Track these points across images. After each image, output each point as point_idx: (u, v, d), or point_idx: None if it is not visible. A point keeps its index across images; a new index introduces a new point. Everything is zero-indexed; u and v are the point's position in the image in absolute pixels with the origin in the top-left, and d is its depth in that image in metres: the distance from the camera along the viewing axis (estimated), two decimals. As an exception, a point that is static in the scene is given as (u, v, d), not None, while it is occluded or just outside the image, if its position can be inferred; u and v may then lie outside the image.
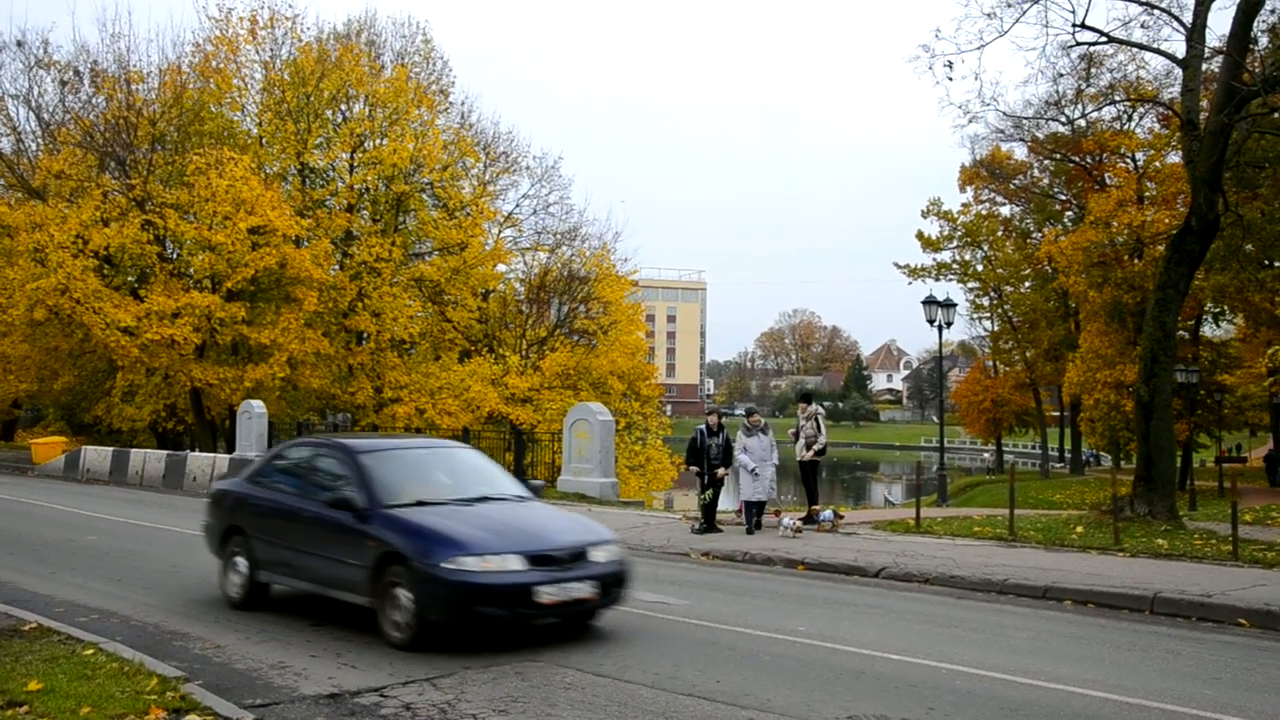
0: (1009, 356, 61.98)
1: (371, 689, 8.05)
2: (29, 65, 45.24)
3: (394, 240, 38.26)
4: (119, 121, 36.55)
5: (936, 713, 7.58)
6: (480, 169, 43.37)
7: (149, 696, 7.33)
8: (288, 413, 37.36)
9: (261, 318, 35.27)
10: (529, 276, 44.42)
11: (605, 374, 38.11)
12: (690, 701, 7.80)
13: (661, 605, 11.65)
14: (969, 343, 77.46)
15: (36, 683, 7.56)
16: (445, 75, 43.89)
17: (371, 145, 38.84)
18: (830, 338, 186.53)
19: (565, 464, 25.61)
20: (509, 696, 7.86)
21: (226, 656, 9.12)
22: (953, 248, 57.11)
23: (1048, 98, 29.84)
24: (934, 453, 69.13)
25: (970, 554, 15.22)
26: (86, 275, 32.72)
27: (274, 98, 38.74)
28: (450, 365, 38.52)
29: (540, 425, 34.67)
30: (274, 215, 33.24)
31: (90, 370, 38.30)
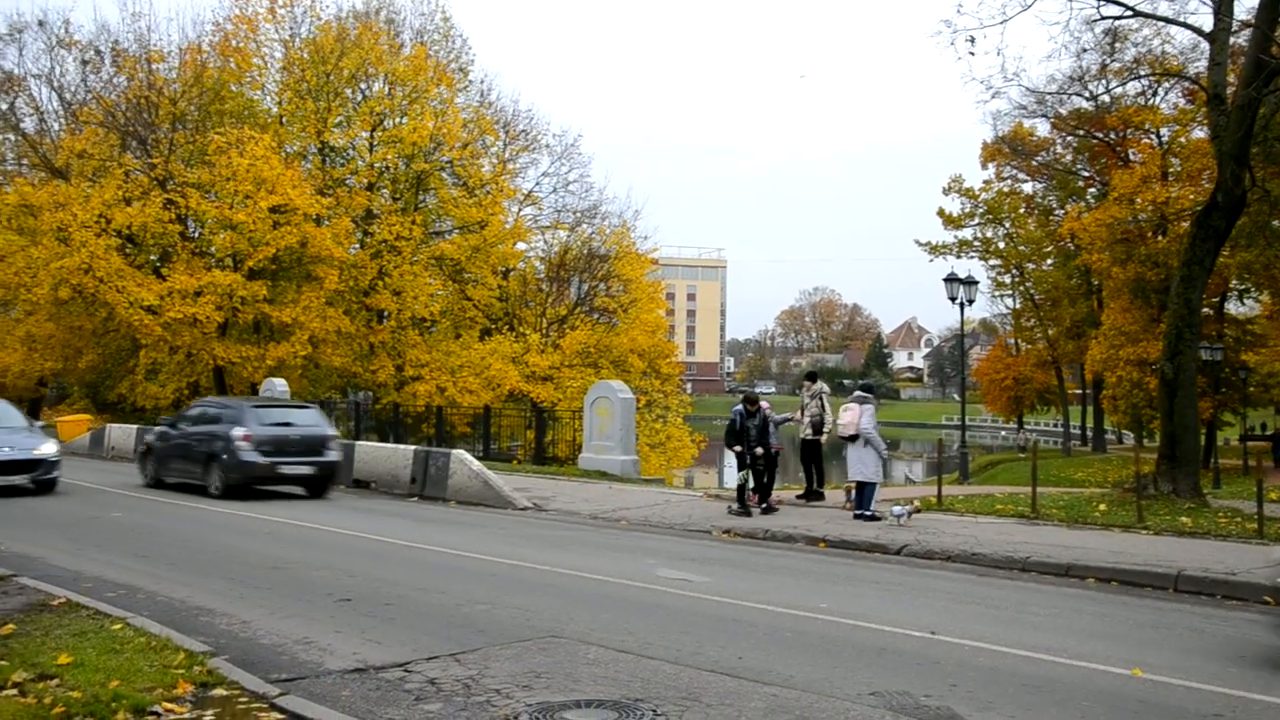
0: (1031, 334, 61.71)
1: (396, 664, 8.08)
2: (51, 45, 45.56)
3: (414, 219, 38.32)
4: (140, 101, 36.69)
5: (959, 689, 7.58)
6: (500, 147, 43.42)
7: (176, 671, 7.39)
8: (310, 390, 37.52)
9: (283, 296, 35.41)
10: (549, 255, 44.45)
11: (626, 352, 38.12)
12: (713, 678, 7.81)
13: (683, 582, 11.67)
14: (990, 320, 77.21)
15: (66, 656, 7.64)
16: (464, 53, 43.91)
17: (391, 124, 38.87)
18: (851, 315, 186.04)
19: (586, 441, 25.65)
20: (532, 672, 7.89)
21: (252, 632, 9.18)
22: (974, 225, 56.84)
23: (1071, 73, 29.64)
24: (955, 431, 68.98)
25: (992, 531, 15.19)
26: (109, 254, 32.92)
27: (294, 76, 38.81)
28: (471, 343, 38.61)
29: (561, 403, 34.73)
30: (295, 194, 33.35)
31: (114, 349, 38.55)
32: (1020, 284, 58.78)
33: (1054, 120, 44.27)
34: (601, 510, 18.15)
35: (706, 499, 20.50)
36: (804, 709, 7.04)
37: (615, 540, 15.22)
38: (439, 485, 20.53)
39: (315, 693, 7.28)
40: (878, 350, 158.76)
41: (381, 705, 7.07)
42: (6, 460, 19.19)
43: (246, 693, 7.10)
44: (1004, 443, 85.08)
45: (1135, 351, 38.68)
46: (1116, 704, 7.32)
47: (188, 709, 6.75)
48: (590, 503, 19.06)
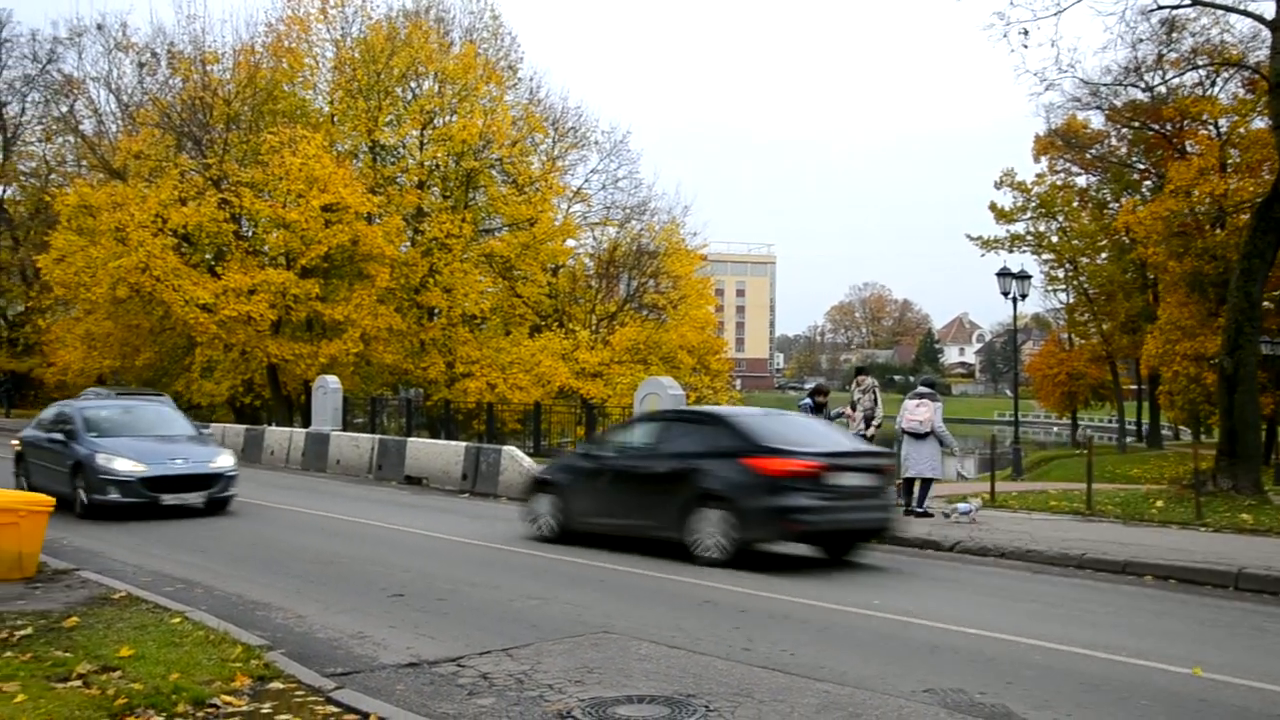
0: (1084, 329, 60.89)
1: (449, 659, 8.14)
2: (109, 48, 46.39)
3: (464, 216, 38.52)
4: (195, 102, 37.17)
5: (1015, 687, 7.50)
6: (549, 144, 43.53)
7: (234, 664, 7.49)
8: (361, 387, 37.86)
9: (335, 294, 35.75)
10: (598, 251, 44.51)
11: (675, 348, 38.10)
12: (765, 674, 7.79)
13: (734, 578, 11.64)
14: (1043, 315, 76.22)
15: (128, 649, 7.76)
16: (513, 51, 44.07)
17: (441, 122, 39.09)
18: (901, 311, 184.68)
19: (636, 438, 25.62)
20: (584, 667, 7.91)
21: (308, 626, 9.28)
22: (1026, 219, 56.14)
23: (1127, 64, 29.21)
24: (1007, 426, 68.22)
25: (1047, 528, 15.03)
26: (166, 253, 33.37)
27: (345, 76, 39.15)
28: (521, 340, 38.75)
29: (611, 399, 34.78)
30: (346, 193, 33.63)
31: (170, 346, 39.08)
32: (1074, 278, 58.02)
33: (1108, 112, 43.56)
34: (652, 506, 18.12)
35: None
36: (857, 706, 7.00)
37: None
38: (490, 481, 20.64)
39: (370, 686, 7.35)
40: (929, 345, 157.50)
41: (435, 699, 7.12)
42: (180, 475, 16.41)
43: (303, 686, 7.19)
44: (1057, 439, 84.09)
45: (1192, 346, 38.02)
46: (1177, 703, 7.22)
47: (246, 701, 6.84)
48: (640, 499, 19.03)
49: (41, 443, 17.70)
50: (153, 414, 18.78)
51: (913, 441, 16.72)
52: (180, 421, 18.94)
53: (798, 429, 13.32)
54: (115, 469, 15.87)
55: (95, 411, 17.97)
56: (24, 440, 18.57)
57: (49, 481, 16.73)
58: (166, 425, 18.23)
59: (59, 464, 16.77)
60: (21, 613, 9.12)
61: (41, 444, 17.68)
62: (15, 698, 6.62)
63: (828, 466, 12.01)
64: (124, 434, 17.08)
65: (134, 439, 16.96)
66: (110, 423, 17.48)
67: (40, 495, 11.35)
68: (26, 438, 18.45)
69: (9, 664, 7.39)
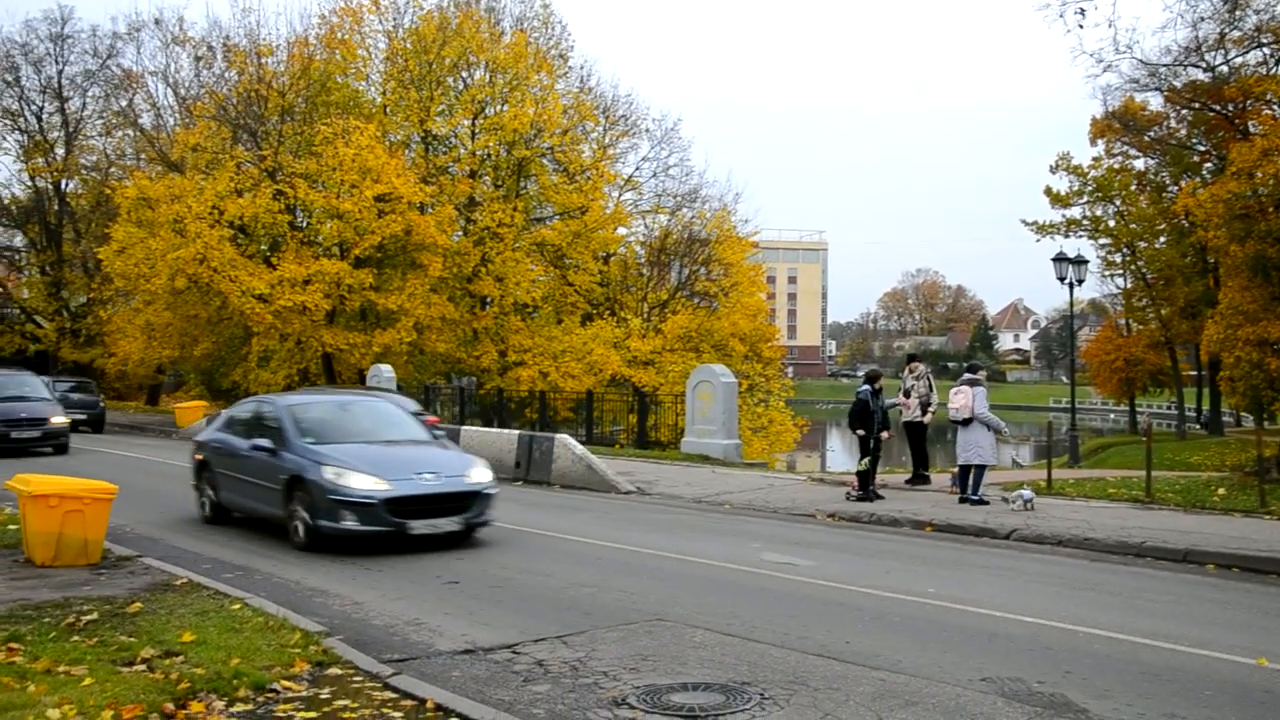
0: (1142, 314, 59.96)
1: (504, 646, 8.19)
2: (166, 43, 47.07)
3: (516, 205, 38.63)
4: (250, 94, 37.57)
5: (1074, 676, 7.42)
6: (600, 132, 43.44)
7: (293, 650, 7.59)
8: (415, 376, 38.11)
9: (388, 284, 36.01)
10: (649, 239, 44.42)
11: (727, 336, 37.96)
12: (820, 661, 7.77)
13: (788, 566, 11.62)
14: (1100, 301, 75.18)
15: (190, 634, 7.90)
16: (564, 39, 43.98)
17: (492, 111, 39.19)
18: (955, 297, 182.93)
19: (688, 426, 25.65)
20: (639, 655, 7.93)
21: (364, 613, 9.38)
22: (1083, 203, 55.34)
23: (1187, 43, 28.70)
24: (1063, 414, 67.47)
25: (1105, 516, 14.83)
26: (222, 244, 33.78)
27: (397, 66, 39.37)
28: (572, 328, 38.82)
29: (663, 387, 34.76)
30: (399, 183, 33.83)
31: (227, 336, 39.57)
32: (1131, 263, 57.14)
33: (1168, 93, 42.80)
34: (704, 494, 18.15)
35: (810, 483, 20.38)
36: (913, 694, 6.97)
37: (719, 524, 15.21)
38: (543, 469, 20.73)
39: (426, 673, 7.42)
40: (983, 332, 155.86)
41: (491, 686, 7.18)
42: (433, 494, 12.62)
43: (361, 672, 7.28)
44: (1114, 425, 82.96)
45: (1255, 331, 37.34)
46: (1241, 694, 7.10)
47: (305, 687, 6.94)
48: (693, 487, 19.07)
49: (236, 450, 14.24)
50: (376, 412, 15.35)
51: (960, 429, 16.61)
52: (409, 422, 15.24)
53: None
54: (350, 487, 12.22)
55: (305, 409, 14.54)
56: (207, 445, 15.18)
57: (250, 500, 13.93)
58: (394, 426, 14.73)
59: (265, 478, 13.30)
60: (88, 598, 9.30)
61: (236, 451, 14.20)
62: (83, 681, 6.76)
63: None
64: (346, 439, 13.59)
65: (361, 445, 13.45)
66: (326, 424, 14.07)
67: (102, 483, 11.53)
68: (211, 442, 15.15)
69: (76, 648, 7.55)
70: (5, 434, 24.59)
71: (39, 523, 10.91)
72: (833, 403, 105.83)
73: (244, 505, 14.17)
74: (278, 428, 13.66)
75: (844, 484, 18.48)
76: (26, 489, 11.07)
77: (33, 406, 25.71)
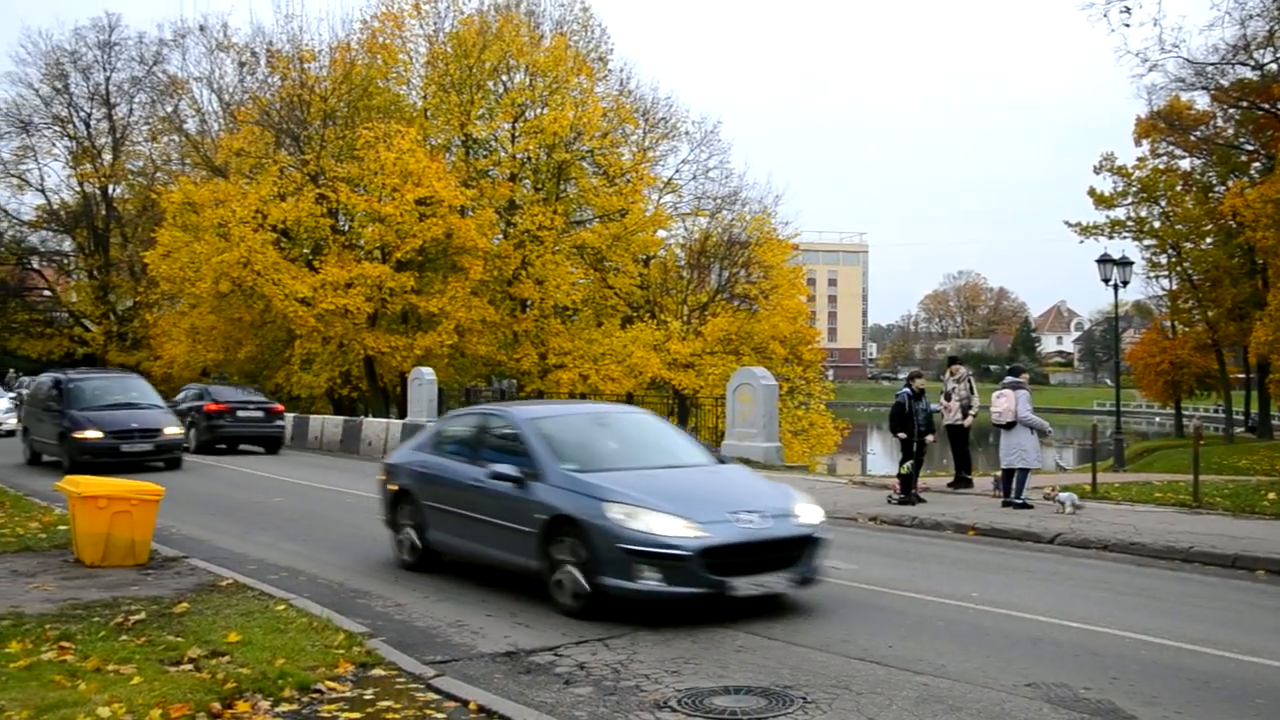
0: (1189, 316, 59.24)
1: (546, 648, 8.22)
2: (211, 49, 47.58)
3: (555, 208, 38.75)
4: (293, 99, 37.93)
5: (1121, 682, 7.34)
6: (639, 135, 43.46)
7: (337, 651, 7.66)
8: (456, 379, 38.31)
9: (429, 287, 36.23)
10: (689, 242, 44.39)
11: (767, 338, 37.87)
12: (863, 666, 7.74)
13: (830, 570, 11.55)
14: (1145, 302, 74.26)
15: (235, 634, 7.98)
16: (603, 43, 44.05)
17: (532, 114, 39.31)
18: (997, 299, 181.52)
19: (729, 428, 25.60)
20: (680, 658, 7.93)
21: (407, 615, 9.44)
22: (1127, 204, 54.79)
23: (1235, 42, 28.28)
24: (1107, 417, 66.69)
25: (1151, 520, 14.66)
26: (266, 248, 34.12)
27: (438, 71, 39.61)
28: (612, 331, 38.86)
29: (703, 390, 34.73)
30: (440, 186, 34.03)
31: (271, 339, 39.93)
32: (1177, 264, 56.49)
33: (1214, 93, 42.24)
34: (745, 497, 18.07)
35: (851, 486, 20.29)
36: (957, 699, 6.92)
37: (759, 527, 15.14)
38: (583, 472, 20.68)
39: (469, 674, 7.47)
40: (1025, 334, 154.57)
41: (533, 688, 7.20)
42: (759, 540, 9.27)
43: (404, 673, 7.33)
44: (1159, 429, 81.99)
45: (1305, 333, 36.83)
46: (1292, 702, 7.00)
47: (349, 688, 6.99)
48: (733, 489, 18.98)
49: (455, 477, 10.94)
50: (639, 425, 11.79)
51: (1003, 432, 16.49)
52: (682, 439, 11.94)
53: None
54: (653, 534, 8.89)
55: (555, 423, 11.00)
56: (407, 470, 11.79)
57: (480, 544, 10.58)
58: (667, 445, 11.28)
59: (507, 517, 10.06)
60: (135, 598, 9.42)
61: (456, 479, 10.91)
62: (132, 680, 6.85)
63: None
64: (617, 464, 10.23)
65: (640, 472, 10.02)
66: (587, 445, 10.59)
67: (149, 484, 11.66)
68: (412, 466, 11.77)
69: (125, 647, 7.64)
70: (114, 447, 21.65)
71: (88, 523, 11.06)
72: (873, 405, 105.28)
73: (469, 550, 10.79)
74: (522, 449, 10.25)
75: (885, 487, 18.38)
76: (76, 490, 11.22)
77: (144, 415, 22.85)
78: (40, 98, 53.64)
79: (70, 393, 22.84)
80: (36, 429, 23.81)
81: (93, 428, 21.62)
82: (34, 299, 58.57)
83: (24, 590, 9.84)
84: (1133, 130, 53.82)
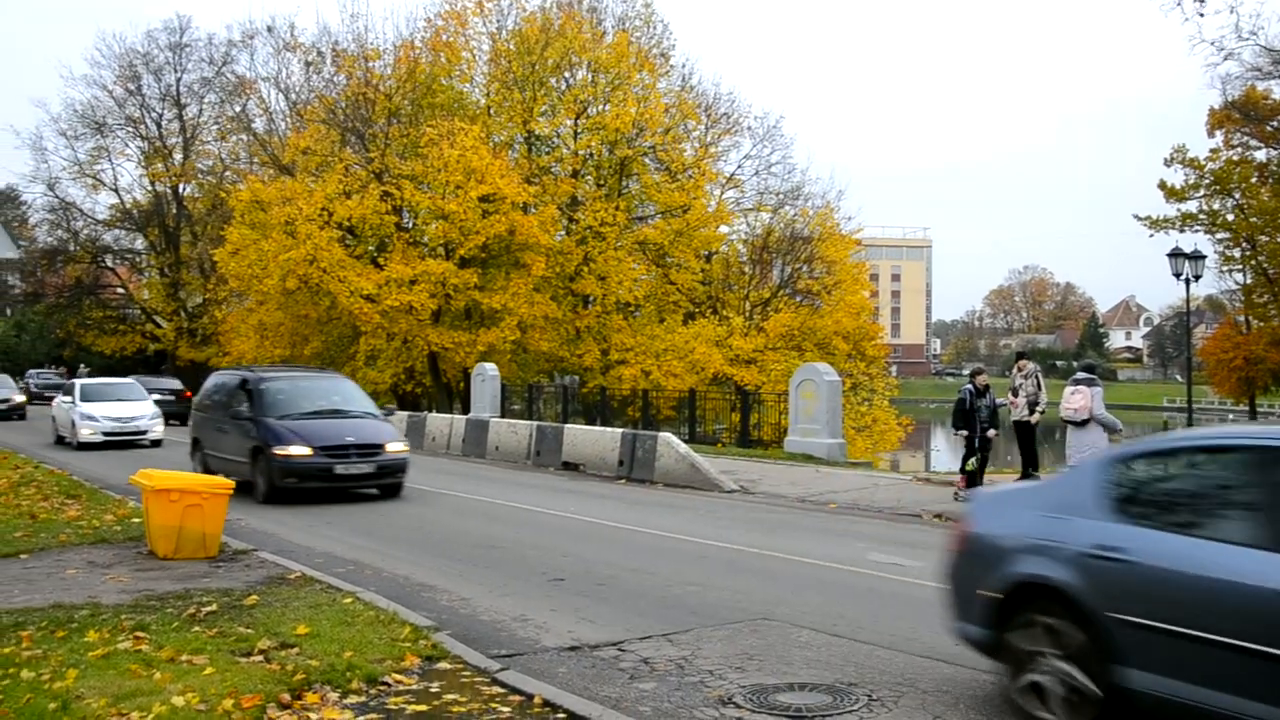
0: (1264, 310, 57.98)
1: (610, 643, 8.23)
2: (278, 49, 48.36)
3: (617, 204, 38.82)
4: (358, 98, 38.37)
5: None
6: (701, 131, 43.43)
7: (403, 644, 7.73)
8: (518, 375, 38.52)
9: (492, 283, 36.46)
10: (751, 237, 44.26)
11: (830, 334, 37.64)
12: (929, 664, 7.67)
13: (895, 566, 11.47)
14: (1217, 297, 72.83)
15: (304, 627, 8.09)
16: (665, 38, 44.11)
17: (594, 111, 39.42)
18: (1063, 294, 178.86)
19: (792, 425, 25.47)
20: (744, 654, 7.91)
21: (472, 609, 9.50)
22: (1199, 197, 53.70)
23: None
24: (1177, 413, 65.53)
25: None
26: (332, 245, 34.54)
27: (501, 68, 39.85)
28: (674, 327, 38.85)
29: (765, 386, 34.59)
30: (503, 183, 34.22)
31: (336, 336, 40.43)
32: (1251, 258, 55.28)
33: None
34: (809, 493, 18.02)
35: (915, 482, 20.09)
36: (1026, 700, 6.81)
37: (823, 524, 15.08)
38: (646, 467, 20.77)
39: (533, 669, 7.49)
40: (1093, 330, 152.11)
41: (597, 683, 7.22)
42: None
43: (469, 667, 7.38)
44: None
45: (1384, 328, 35.92)
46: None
47: (415, 680, 7.06)
48: (797, 486, 18.94)
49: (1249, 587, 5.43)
50: None
51: (1074, 430, 16.19)
52: None
53: None
54: None
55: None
56: (1069, 559, 6.30)
57: None
58: None
59: None
60: (207, 590, 9.59)
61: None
62: (204, 670, 6.97)
63: None
64: None
65: None
66: None
67: (220, 479, 11.87)
68: (1082, 549, 6.27)
69: (197, 638, 7.78)
70: (326, 469, 16.58)
71: (161, 516, 11.27)
72: (937, 402, 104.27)
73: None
74: None
75: (950, 484, 18.18)
76: (149, 484, 11.44)
77: (359, 426, 17.58)
78: (114, 99, 54.90)
79: (263, 396, 17.76)
80: (213, 442, 18.80)
81: (299, 441, 16.61)
82: (108, 296, 59.93)
83: (100, 581, 10.06)
84: (1205, 121, 52.80)
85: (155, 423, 28.00)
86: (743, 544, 12.96)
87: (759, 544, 12.93)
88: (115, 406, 27.84)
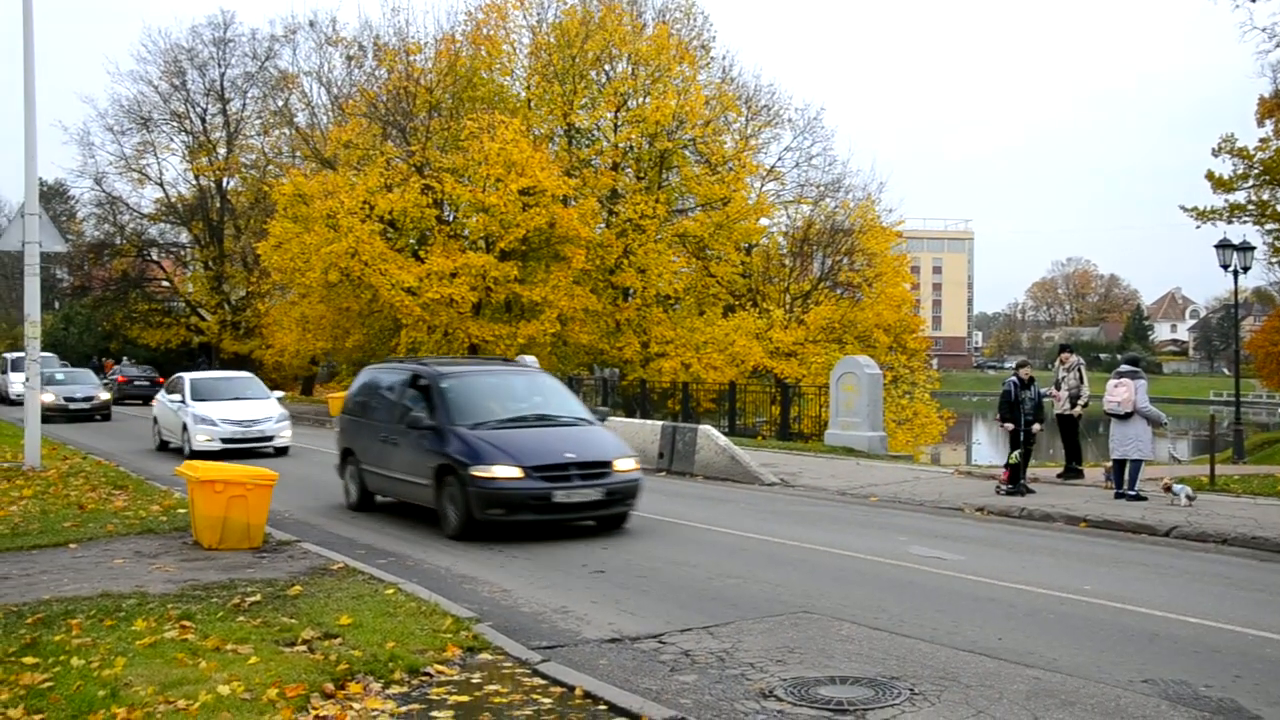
0: (1314, 303, 57.16)
1: (650, 635, 8.24)
2: (320, 44, 48.76)
3: (657, 197, 38.76)
4: (399, 92, 38.53)
5: (1244, 681, 7.10)
6: (742, 123, 43.33)
7: (445, 635, 7.77)
8: (559, 367, 38.53)
9: (532, 276, 36.53)
10: (792, 230, 44.11)
11: (871, 327, 37.47)
12: (970, 658, 7.61)
13: (936, 560, 11.41)
14: (1266, 289, 71.88)
15: (347, 617, 8.16)
16: (706, 30, 44.00)
17: (634, 104, 39.39)
18: (1107, 287, 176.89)
19: (832, 417, 25.39)
20: (785, 647, 7.89)
21: (513, 600, 9.54)
22: (1248, 187, 52.76)
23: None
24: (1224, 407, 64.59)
25: (1274, 514, 14.15)
26: (373, 238, 34.73)
27: (541, 61, 39.89)
28: (714, 320, 38.79)
29: (805, 379, 34.47)
30: (543, 176, 34.26)
31: (377, 328, 40.66)
32: (1302, 250, 54.47)
33: (1347, 68, 40.55)
34: (849, 486, 17.94)
35: (957, 476, 19.95)
36: (1070, 693, 6.77)
37: (864, 517, 15.02)
38: (686, 460, 20.76)
39: (574, 660, 7.51)
40: (1137, 322, 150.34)
41: (638, 675, 7.22)
42: None
43: (510, 658, 7.41)
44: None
45: None
46: None
47: (457, 671, 7.10)
48: (837, 479, 18.87)
49: None
50: None
51: (1117, 422, 16.03)
52: None
53: None
54: None
55: None
56: None
57: None
58: None
59: None
60: (251, 580, 9.69)
61: None
62: (249, 659, 7.04)
63: None
64: None
65: None
66: None
67: (264, 470, 11.98)
68: None
69: (242, 628, 7.86)
70: (544, 496, 12.41)
71: (206, 507, 11.39)
72: (979, 395, 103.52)
73: None
74: None
75: (992, 477, 18.04)
76: (194, 474, 11.56)
77: (580, 438, 13.53)
78: (159, 94, 55.51)
79: (446, 396, 13.73)
80: (375, 456, 14.83)
81: (506, 460, 12.50)
82: (153, 290, 60.65)
83: (147, 571, 10.19)
84: (1255, 110, 51.82)
85: (282, 426, 23.71)
86: (783, 537, 12.92)
87: (800, 537, 12.90)
88: (233, 407, 23.39)
